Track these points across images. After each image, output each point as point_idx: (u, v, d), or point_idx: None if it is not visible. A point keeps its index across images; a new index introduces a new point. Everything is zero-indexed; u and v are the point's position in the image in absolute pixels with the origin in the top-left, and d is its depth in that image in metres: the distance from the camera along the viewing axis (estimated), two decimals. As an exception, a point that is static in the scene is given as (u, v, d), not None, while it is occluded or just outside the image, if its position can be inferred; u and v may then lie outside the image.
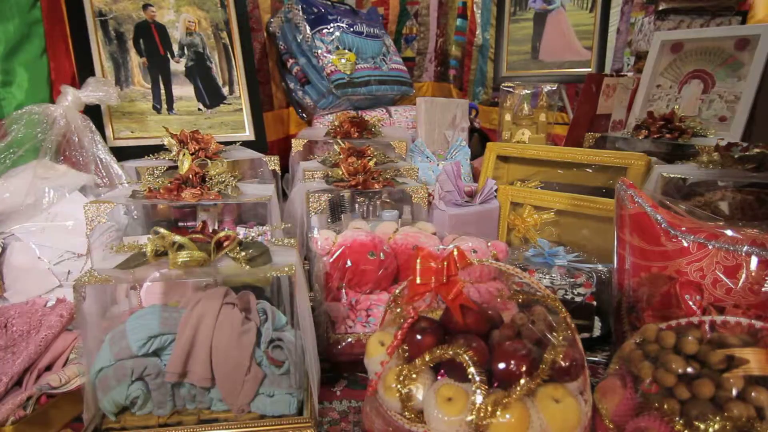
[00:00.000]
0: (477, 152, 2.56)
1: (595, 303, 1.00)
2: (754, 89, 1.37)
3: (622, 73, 1.87)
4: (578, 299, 1.01)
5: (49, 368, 0.79)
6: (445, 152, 1.83)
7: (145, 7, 1.34)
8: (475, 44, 2.68)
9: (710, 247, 0.83)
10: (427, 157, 1.73)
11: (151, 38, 1.35)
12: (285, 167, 1.66)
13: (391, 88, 1.96)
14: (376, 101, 1.96)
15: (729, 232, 0.83)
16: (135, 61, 1.32)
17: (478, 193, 1.28)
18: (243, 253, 0.69)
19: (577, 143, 1.57)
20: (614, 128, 1.63)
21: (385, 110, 1.94)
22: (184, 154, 1.00)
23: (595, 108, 1.56)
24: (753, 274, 0.79)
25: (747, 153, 1.04)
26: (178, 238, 0.64)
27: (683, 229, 0.86)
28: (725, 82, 1.44)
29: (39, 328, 0.82)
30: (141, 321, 0.68)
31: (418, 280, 0.70)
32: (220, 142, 1.34)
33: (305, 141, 1.60)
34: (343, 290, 0.92)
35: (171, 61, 1.38)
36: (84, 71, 1.23)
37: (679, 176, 1.05)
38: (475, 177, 1.79)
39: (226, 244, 0.69)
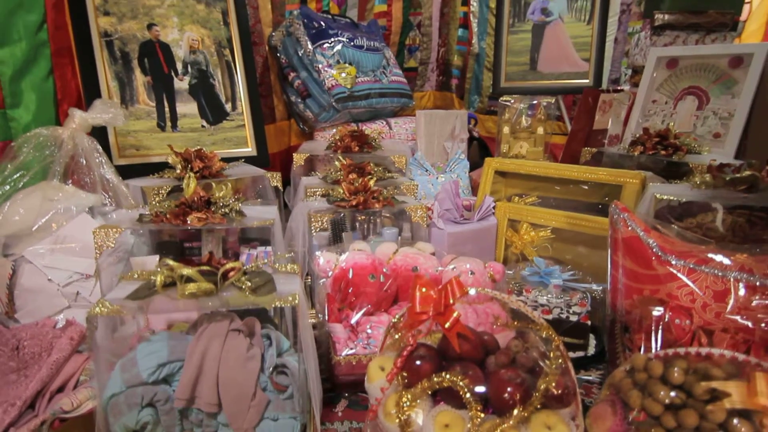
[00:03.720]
0: (476, 160, 2.60)
1: (589, 323, 1.03)
2: (747, 107, 1.40)
3: (618, 87, 1.90)
4: (573, 318, 1.04)
5: (60, 390, 0.82)
6: (444, 164, 1.86)
7: (149, 26, 1.36)
8: (471, 53, 2.71)
9: (700, 272, 0.85)
10: (427, 170, 1.76)
11: (156, 57, 1.37)
12: (286, 178, 1.69)
13: (391, 100, 1.98)
14: (376, 113, 1.98)
15: (718, 258, 0.85)
16: (140, 80, 1.35)
17: (477, 209, 1.30)
18: (248, 283, 0.72)
19: (574, 158, 1.60)
20: (611, 142, 1.66)
21: (385, 122, 1.96)
22: (189, 177, 1.02)
23: (592, 123, 1.58)
24: (741, 299, 0.82)
25: (738, 175, 1.07)
26: (186, 271, 0.67)
27: (674, 254, 0.88)
28: (719, 99, 1.46)
29: (50, 350, 0.85)
30: (151, 349, 0.71)
31: (417, 308, 0.73)
32: (223, 159, 1.36)
33: (307, 155, 1.62)
34: (345, 311, 0.95)
35: (175, 79, 1.41)
36: (90, 92, 1.26)
37: (672, 197, 1.07)
38: (474, 189, 1.82)
39: (231, 274, 0.72)
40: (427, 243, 1.09)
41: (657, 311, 0.86)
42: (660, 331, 0.85)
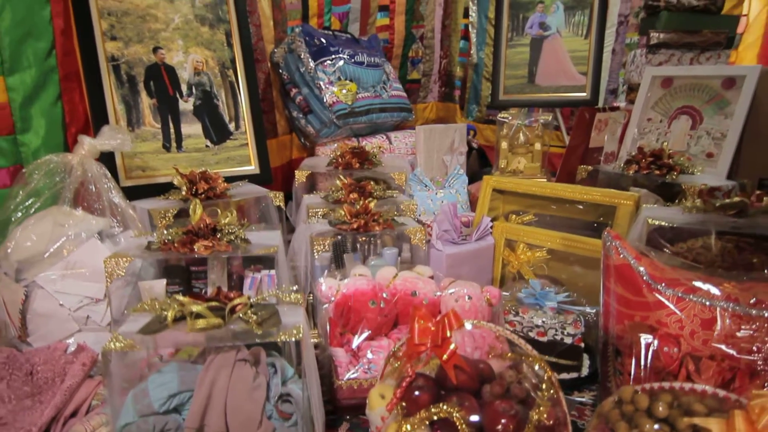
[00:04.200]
0: (475, 169, 2.63)
1: (583, 345, 1.06)
2: (739, 128, 1.43)
3: (615, 104, 1.93)
4: (567, 340, 1.07)
5: (73, 415, 0.85)
6: (443, 179, 1.89)
7: (155, 50, 1.40)
8: (469, 63, 2.75)
9: (688, 300, 0.89)
10: (426, 186, 1.79)
11: (161, 79, 1.41)
12: (288, 191, 1.72)
13: (391, 115, 2.02)
14: (376, 128, 2.02)
15: (705, 287, 0.89)
16: (146, 102, 1.38)
17: (474, 229, 1.34)
18: (254, 316, 0.75)
19: (571, 174, 1.63)
20: (607, 160, 1.69)
21: (385, 137, 2.00)
22: (195, 203, 1.06)
23: (588, 141, 1.61)
24: (727, 327, 0.85)
25: (728, 200, 1.10)
26: (195, 307, 0.70)
27: (664, 282, 0.91)
28: (713, 119, 1.50)
29: (63, 376, 0.88)
30: (162, 380, 0.74)
31: (415, 340, 0.76)
32: (227, 177, 1.40)
33: (308, 172, 1.66)
34: (346, 335, 0.98)
35: (180, 100, 1.44)
36: (98, 116, 1.29)
37: (664, 223, 1.11)
38: (473, 203, 1.85)
39: (238, 308, 0.75)
40: (425, 266, 1.12)
41: (646, 339, 0.89)
42: (649, 358, 0.89)
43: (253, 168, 1.57)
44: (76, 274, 1.03)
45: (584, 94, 2.22)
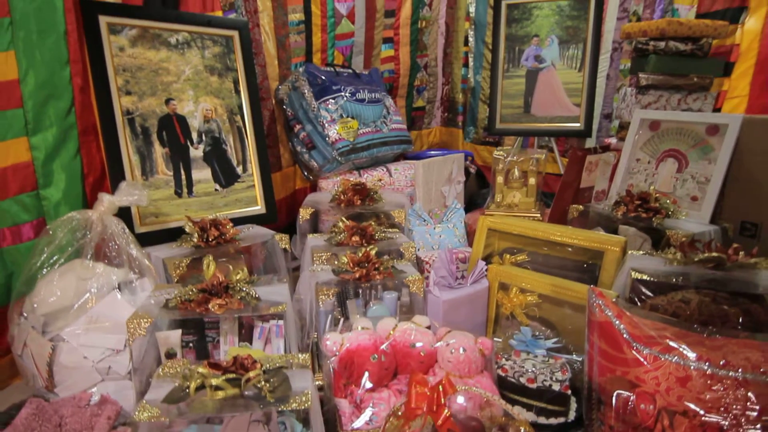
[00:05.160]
0: (474, 190, 2.72)
1: (570, 392, 1.14)
2: (722, 174, 1.50)
3: (606, 141, 2.00)
4: (556, 386, 1.15)
5: (100, 467, 0.93)
6: (441, 212, 1.97)
7: (167, 101, 1.47)
8: (467, 87, 2.83)
9: (664, 359, 0.96)
10: (425, 221, 1.87)
11: (173, 129, 1.48)
12: (292, 221, 1.79)
13: (392, 147, 2.09)
14: (377, 160, 2.09)
15: (680, 347, 0.96)
16: (159, 152, 1.45)
17: (470, 273, 1.41)
18: (267, 384, 0.83)
19: (563, 213, 1.71)
20: (597, 197, 1.77)
21: (385, 169, 2.07)
22: (209, 260, 1.13)
23: (579, 182, 1.69)
24: (699, 386, 0.93)
25: (707, 255, 1.18)
26: (215, 381, 0.78)
27: (642, 341, 0.99)
28: (697, 164, 1.57)
29: (90, 429, 0.96)
30: (183, 443, 0.82)
31: (412, 404, 0.84)
32: (235, 219, 1.48)
33: (312, 210, 1.73)
34: (350, 386, 1.06)
35: (191, 148, 1.52)
36: (114, 168, 1.37)
37: (646, 277, 1.18)
38: (470, 235, 1.92)
39: (253, 376, 0.83)
40: (423, 316, 1.20)
41: (625, 395, 0.97)
42: (627, 413, 0.97)
43: (259, 208, 1.65)
44: (99, 327, 1.10)
45: (578, 124, 2.30)
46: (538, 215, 1.88)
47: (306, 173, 2.07)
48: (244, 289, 1.09)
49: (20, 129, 1.21)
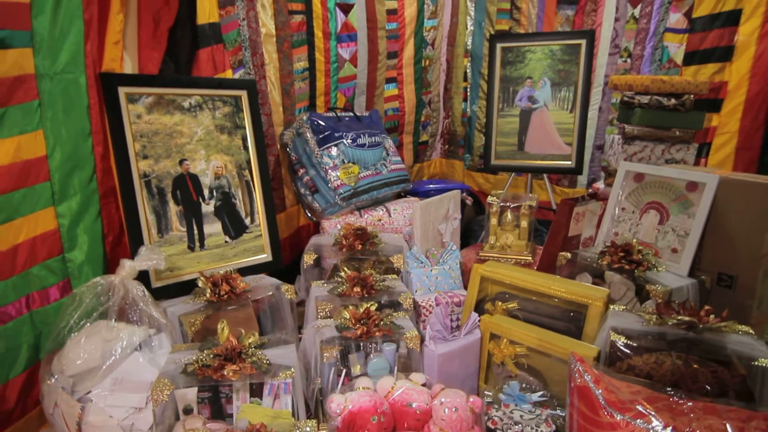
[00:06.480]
0: (471, 216, 2.82)
1: (553, 446, 1.25)
2: (700, 229, 1.60)
3: (595, 186, 2.10)
4: (540, 440, 1.26)
5: None
6: (438, 252, 2.07)
7: (181, 162, 1.57)
8: (466, 119, 2.94)
9: (635, 426, 1.07)
10: (422, 263, 1.97)
11: (186, 188, 1.58)
12: (296, 258, 1.88)
13: (392, 188, 2.20)
14: (377, 201, 2.19)
15: (649, 413, 1.07)
16: (173, 210, 1.56)
17: (464, 325, 1.52)
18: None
19: (552, 260, 1.81)
20: (585, 244, 1.87)
21: (384, 209, 2.17)
22: (223, 324, 1.24)
23: (567, 232, 1.79)
24: (666, 452, 1.03)
25: (680, 318, 1.28)
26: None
27: (616, 407, 1.10)
28: (678, 217, 1.67)
29: (118, 488, 1.07)
30: None
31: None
32: (243, 268, 1.59)
33: (315, 256, 1.84)
34: (352, 444, 1.17)
35: (203, 204, 1.62)
36: (132, 226, 1.47)
37: (624, 339, 1.29)
38: (465, 274, 2.02)
39: (266, 450, 0.94)
40: (419, 374, 1.31)
41: (600, 458, 1.08)
42: (602, 475, 1.08)
43: (266, 256, 1.75)
44: (123, 387, 1.21)
45: (569, 162, 2.40)
46: (530, 258, 1.99)
47: (309, 214, 2.18)
48: (256, 354, 1.19)
49: (48, 200, 1.31)
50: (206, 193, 1.63)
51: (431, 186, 2.64)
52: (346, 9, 2.23)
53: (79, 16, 1.32)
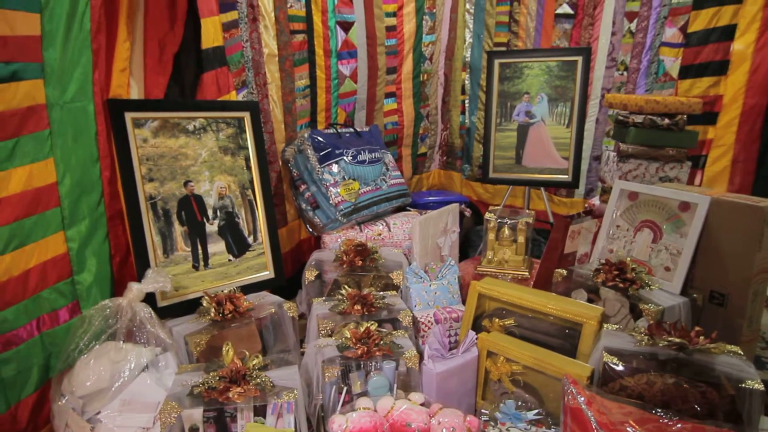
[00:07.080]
0: (469, 226, 2.86)
1: (547, 464, 1.29)
2: (692, 248, 1.64)
3: (590, 202, 2.14)
4: (535, 457, 1.30)
5: None
6: (437, 266, 2.11)
7: (185, 183, 1.61)
8: (464, 131, 2.98)
9: (625, 447, 1.11)
10: (421, 278, 2.01)
11: (191, 209, 1.62)
12: (297, 271, 1.92)
13: (391, 203, 2.24)
14: (378, 215, 2.23)
15: (639, 436, 1.11)
16: (178, 231, 1.60)
17: (461, 343, 1.56)
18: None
19: (548, 276, 1.85)
20: (580, 260, 1.91)
21: (384, 224, 2.21)
22: (228, 347, 1.28)
23: (563, 249, 1.83)
24: (655, 474, 1.08)
25: (671, 339, 1.32)
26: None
27: (608, 429, 1.14)
28: (670, 236, 1.71)
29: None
30: None
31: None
32: (246, 285, 1.63)
33: (317, 272, 1.88)
34: (352, 463, 1.21)
35: (207, 224, 1.66)
36: (138, 247, 1.51)
37: (616, 360, 1.33)
38: (464, 288, 2.07)
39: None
40: (418, 393, 1.35)
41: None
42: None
43: (268, 273, 1.79)
44: (131, 408, 1.25)
45: (566, 176, 2.44)
46: (527, 273, 2.03)
47: (310, 229, 2.22)
48: (260, 376, 1.23)
49: (58, 225, 1.35)
50: (210, 213, 1.67)
51: (431, 198, 2.68)
52: (347, 27, 2.27)
53: (87, 46, 1.36)
